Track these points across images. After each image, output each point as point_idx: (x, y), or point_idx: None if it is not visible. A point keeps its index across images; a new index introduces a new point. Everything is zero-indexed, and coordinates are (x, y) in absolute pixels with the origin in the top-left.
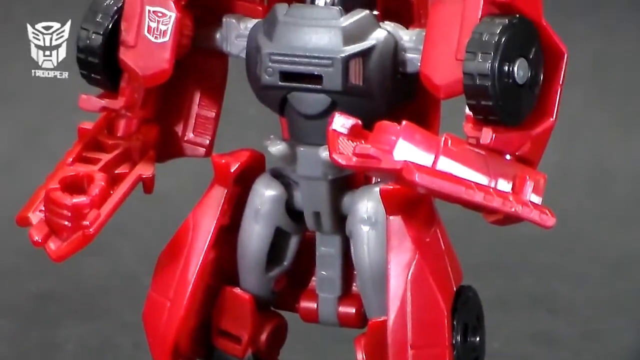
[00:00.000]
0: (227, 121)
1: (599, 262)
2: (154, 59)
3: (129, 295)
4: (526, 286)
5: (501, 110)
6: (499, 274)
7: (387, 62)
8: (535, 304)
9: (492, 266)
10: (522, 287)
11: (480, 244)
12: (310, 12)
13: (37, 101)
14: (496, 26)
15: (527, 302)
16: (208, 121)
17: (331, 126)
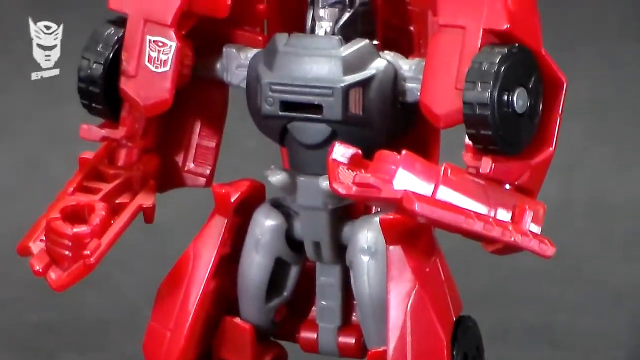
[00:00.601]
0: (227, 152)
1: (599, 294)
2: (154, 88)
3: (129, 326)
4: (526, 317)
5: (501, 139)
6: (498, 304)
7: (387, 92)
8: (535, 336)
9: (492, 297)
10: (522, 318)
11: (480, 274)
12: (310, 41)
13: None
14: (495, 55)
15: (527, 333)
16: (208, 151)
17: (331, 155)
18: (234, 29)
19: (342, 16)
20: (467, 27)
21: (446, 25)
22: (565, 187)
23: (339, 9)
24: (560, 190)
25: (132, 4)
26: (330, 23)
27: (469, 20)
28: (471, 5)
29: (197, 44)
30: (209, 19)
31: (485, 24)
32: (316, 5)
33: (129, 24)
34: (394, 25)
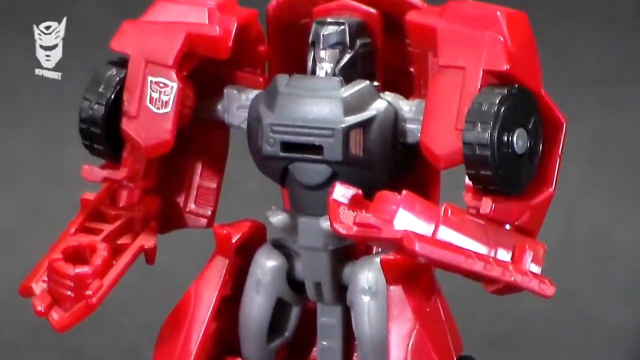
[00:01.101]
0: (229, 195)
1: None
2: (155, 129)
3: None
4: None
5: (501, 179)
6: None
7: (388, 133)
8: None
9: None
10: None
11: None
12: (311, 82)
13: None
14: (495, 96)
15: None
16: (209, 192)
17: (332, 196)
18: (235, 70)
19: (342, 57)
20: (467, 68)
21: (446, 66)
22: (566, 228)
23: (339, 51)
24: (560, 232)
25: (133, 45)
26: (331, 64)
27: (469, 61)
28: (471, 47)
29: (199, 85)
30: (210, 60)
31: (485, 64)
32: (317, 46)
33: (131, 65)
34: (394, 66)
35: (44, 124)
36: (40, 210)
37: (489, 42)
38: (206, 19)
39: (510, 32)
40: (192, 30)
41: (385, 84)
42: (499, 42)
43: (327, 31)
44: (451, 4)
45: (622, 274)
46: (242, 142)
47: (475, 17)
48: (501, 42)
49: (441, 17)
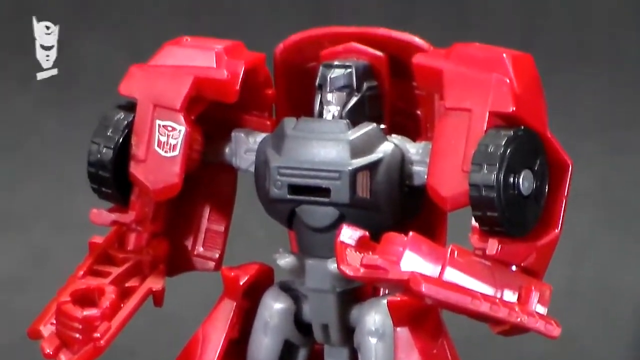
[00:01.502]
0: (237, 242)
1: None
2: (164, 173)
3: None
4: None
5: (507, 221)
6: None
7: (394, 175)
8: None
9: None
10: None
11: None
12: (318, 125)
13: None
14: (501, 138)
15: None
16: (217, 235)
17: (339, 238)
18: (243, 114)
19: (349, 100)
20: (473, 110)
21: (453, 108)
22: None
23: (346, 93)
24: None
25: (141, 89)
26: (338, 107)
27: (475, 103)
28: (477, 89)
29: (206, 129)
30: (218, 104)
31: (491, 106)
32: (324, 89)
33: (139, 109)
34: (401, 109)
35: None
36: (50, 255)
37: (495, 84)
38: (214, 63)
39: (516, 74)
40: (199, 74)
41: (392, 127)
42: (505, 84)
43: (334, 74)
44: (457, 47)
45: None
46: (249, 186)
47: (481, 59)
48: (507, 84)
49: (447, 60)
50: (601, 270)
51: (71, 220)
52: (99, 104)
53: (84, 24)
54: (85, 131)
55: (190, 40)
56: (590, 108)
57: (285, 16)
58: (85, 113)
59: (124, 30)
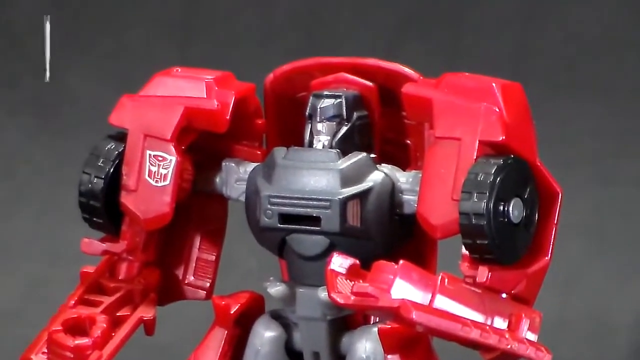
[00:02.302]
0: (229, 273)
1: None
2: (154, 202)
3: None
4: None
5: (497, 249)
6: None
7: (385, 204)
8: None
9: None
10: None
11: None
12: (309, 155)
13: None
14: (491, 166)
15: None
16: (208, 264)
17: (329, 266)
18: (233, 144)
19: (339, 130)
20: (463, 139)
21: (442, 137)
22: (563, 300)
23: (336, 123)
24: (558, 303)
25: (132, 120)
26: (328, 137)
27: (465, 133)
28: (467, 118)
29: (197, 158)
30: (209, 134)
31: (481, 135)
32: (314, 119)
33: (130, 139)
34: (391, 138)
35: (43, 199)
36: (42, 285)
37: (484, 113)
38: (204, 93)
39: (506, 103)
40: (190, 104)
41: (382, 156)
42: (495, 113)
43: (324, 104)
44: (447, 76)
45: (620, 347)
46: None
47: (470, 88)
48: (497, 113)
49: (437, 89)
50: (592, 299)
51: (63, 251)
52: (89, 134)
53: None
54: (76, 161)
55: (181, 70)
56: (581, 137)
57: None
58: (75, 143)
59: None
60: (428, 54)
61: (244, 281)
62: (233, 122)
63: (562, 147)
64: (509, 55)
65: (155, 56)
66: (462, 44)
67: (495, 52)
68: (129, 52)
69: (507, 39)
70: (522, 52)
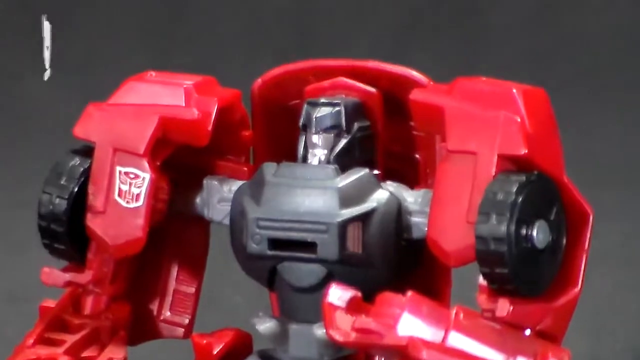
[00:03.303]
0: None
1: None
2: (125, 226)
3: None
4: None
5: (519, 278)
6: None
7: (390, 227)
8: None
9: None
10: None
11: None
12: (303, 171)
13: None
14: (512, 184)
15: None
16: (187, 297)
17: (327, 299)
18: (216, 159)
19: (338, 143)
20: (479, 153)
21: (456, 151)
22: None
23: (334, 135)
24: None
25: (99, 132)
26: (325, 151)
27: (482, 145)
28: (484, 129)
29: (174, 176)
30: (188, 148)
31: (500, 149)
32: (309, 131)
33: (97, 154)
34: (397, 152)
35: None
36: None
37: (504, 123)
38: (182, 101)
39: (528, 112)
40: (166, 113)
41: (386, 173)
42: (516, 123)
43: (320, 113)
44: (461, 81)
45: None
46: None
47: (488, 94)
48: (518, 123)
49: (449, 96)
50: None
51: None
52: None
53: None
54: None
55: (156, 75)
56: (612, 152)
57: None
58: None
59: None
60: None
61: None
62: (216, 133)
63: (590, 162)
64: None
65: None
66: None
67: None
68: (96, 54)
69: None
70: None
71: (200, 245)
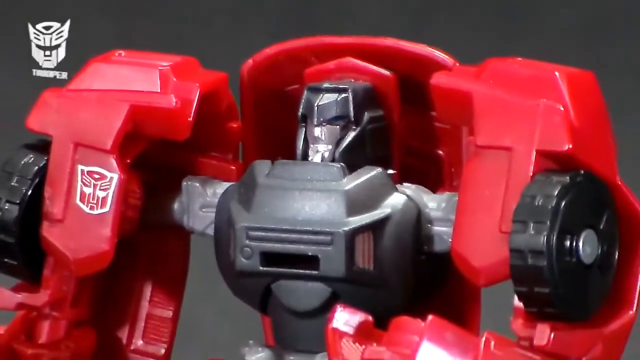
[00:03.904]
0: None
1: None
2: (89, 237)
3: None
4: None
5: (562, 300)
6: None
7: (407, 239)
8: None
9: None
10: None
11: None
12: (302, 171)
13: None
14: (554, 186)
15: None
16: (163, 323)
17: (331, 324)
18: (198, 156)
19: (345, 136)
20: (514, 149)
21: (487, 146)
22: None
23: (340, 127)
24: None
25: (57, 123)
26: (329, 146)
27: (517, 140)
28: (520, 120)
29: (148, 177)
30: (164, 143)
31: (539, 144)
32: (310, 122)
33: (54, 150)
34: (415, 148)
35: None
36: None
37: (544, 113)
38: (157, 86)
39: (574, 100)
40: (137, 101)
41: (403, 172)
42: (558, 112)
43: (323, 101)
44: (492, 63)
45: None
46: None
47: (525, 79)
48: (561, 112)
49: (479, 80)
50: None
51: None
52: None
53: None
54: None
55: (125, 55)
56: None
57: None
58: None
59: None
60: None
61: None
62: (197, 125)
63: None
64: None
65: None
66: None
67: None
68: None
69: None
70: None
71: (179, 261)
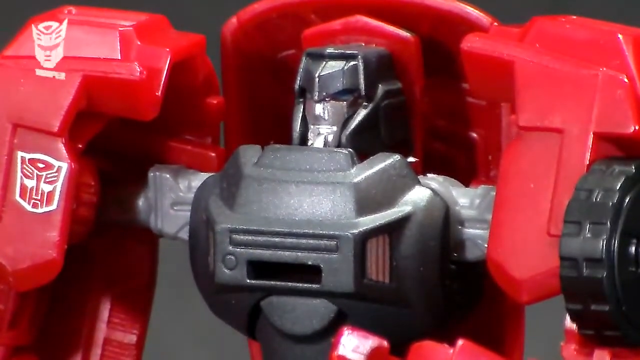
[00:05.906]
0: None
1: None
2: (32, 242)
3: None
4: None
5: (625, 319)
6: None
7: (432, 244)
8: None
9: None
10: None
11: None
12: (300, 159)
13: None
14: (615, 178)
15: None
16: (125, 350)
17: (337, 351)
18: (169, 140)
19: (353, 115)
20: (566, 131)
21: (532, 127)
22: None
23: (348, 104)
24: None
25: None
26: (334, 127)
27: (570, 120)
28: (573, 95)
29: (105, 166)
30: (126, 123)
31: (597, 125)
32: (309, 97)
33: None
34: (443, 130)
35: None
36: None
37: (603, 87)
38: (117, 52)
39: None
40: (92, 70)
41: (428, 160)
42: (622, 85)
43: (326, 70)
44: (539, 23)
45: None
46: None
47: (580, 43)
48: (625, 85)
49: (522, 44)
50: None
51: None
52: None
53: None
54: None
55: (77, 12)
56: None
57: None
58: None
59: None
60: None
61: None
62: (168, 101)
63: None
64: None
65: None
66: None
67: None
68: None
69: None
70: None
71: (144, 272)
